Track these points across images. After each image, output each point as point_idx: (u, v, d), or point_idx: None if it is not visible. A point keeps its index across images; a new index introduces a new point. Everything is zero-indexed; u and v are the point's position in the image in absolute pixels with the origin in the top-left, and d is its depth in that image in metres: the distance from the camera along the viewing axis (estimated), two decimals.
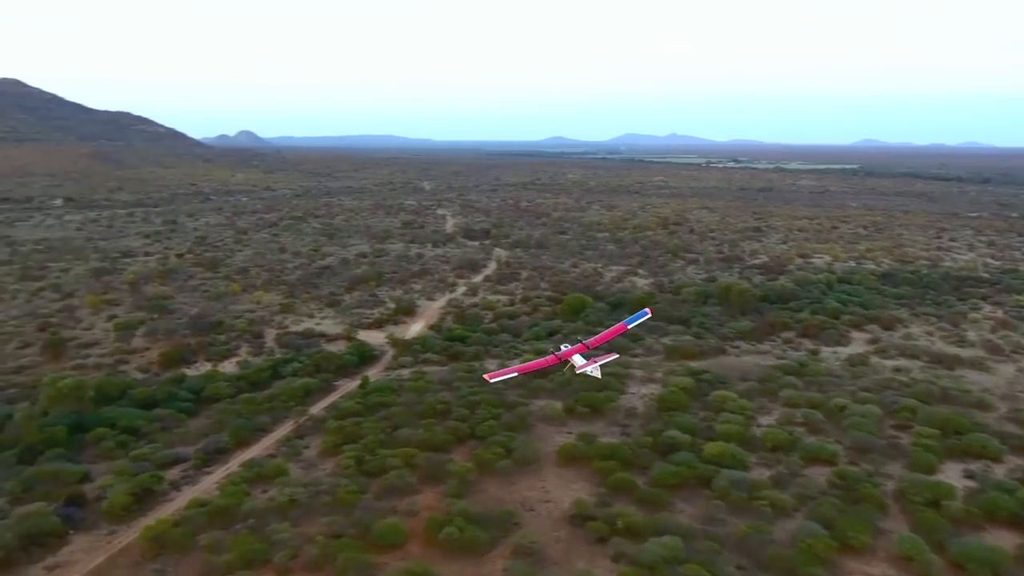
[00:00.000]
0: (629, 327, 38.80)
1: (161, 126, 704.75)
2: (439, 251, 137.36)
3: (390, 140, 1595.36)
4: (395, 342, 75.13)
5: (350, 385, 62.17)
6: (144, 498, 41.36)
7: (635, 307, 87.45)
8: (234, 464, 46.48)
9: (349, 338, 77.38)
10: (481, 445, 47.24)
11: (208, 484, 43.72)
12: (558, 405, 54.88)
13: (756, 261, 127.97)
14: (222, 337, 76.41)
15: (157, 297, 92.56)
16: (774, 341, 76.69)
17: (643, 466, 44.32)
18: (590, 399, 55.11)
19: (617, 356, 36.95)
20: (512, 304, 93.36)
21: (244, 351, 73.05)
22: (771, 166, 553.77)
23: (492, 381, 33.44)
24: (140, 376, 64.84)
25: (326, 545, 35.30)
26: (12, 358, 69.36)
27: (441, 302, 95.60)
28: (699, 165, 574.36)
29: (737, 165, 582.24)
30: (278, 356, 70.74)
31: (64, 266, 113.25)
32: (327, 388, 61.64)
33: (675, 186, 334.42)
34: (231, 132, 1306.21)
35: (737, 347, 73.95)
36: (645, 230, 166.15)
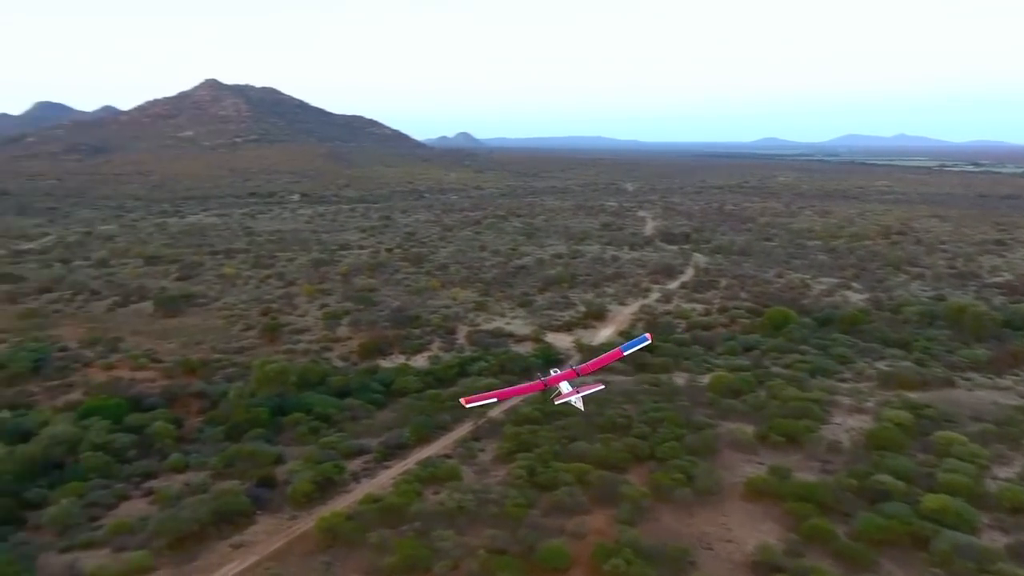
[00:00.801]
0: (625, 353, 34.00)
1: (388, 128, 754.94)
2: (635, 254, 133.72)
3: (599, 141, 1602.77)
4: (581, 347, 73.05)
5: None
6: (326, 487, 42.33)
7: (846, 324, 79.48)
8: (412, 461, 46.62)
9: (537, 340, 76.52)
10: (660, 468, 43.77)
11: (385, 479, 44.06)
12: (749, 430, 49.97)
13: (997, 279, 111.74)
14: (417, 331, 78.47)
15: (364, 289, 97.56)
16: (1018, 375, 65.52)
17: (845, 513, 38.58)
18: (787, 427, 49.57)
19: (603, 387, 31.23)
20: (708, 314, 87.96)
21: (436, 346, 74.49)
22: (1019, 170, 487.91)
23: (469, 406, 29.56)
24: (340, 364, 67.94)
25: (487, 560, 33.83)
26: (236, 339, 75.58)
27: (633, 308, 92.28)
28: (930, 168, 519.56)
29: (977, 169, 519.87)
30: (467, 354, 71.28)
31: (290, 256, 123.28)
32: None
33: (901, 191, 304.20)
34: (450, 134, 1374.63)
35: (969, 379, 63.84)
36: (863, 239, 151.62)
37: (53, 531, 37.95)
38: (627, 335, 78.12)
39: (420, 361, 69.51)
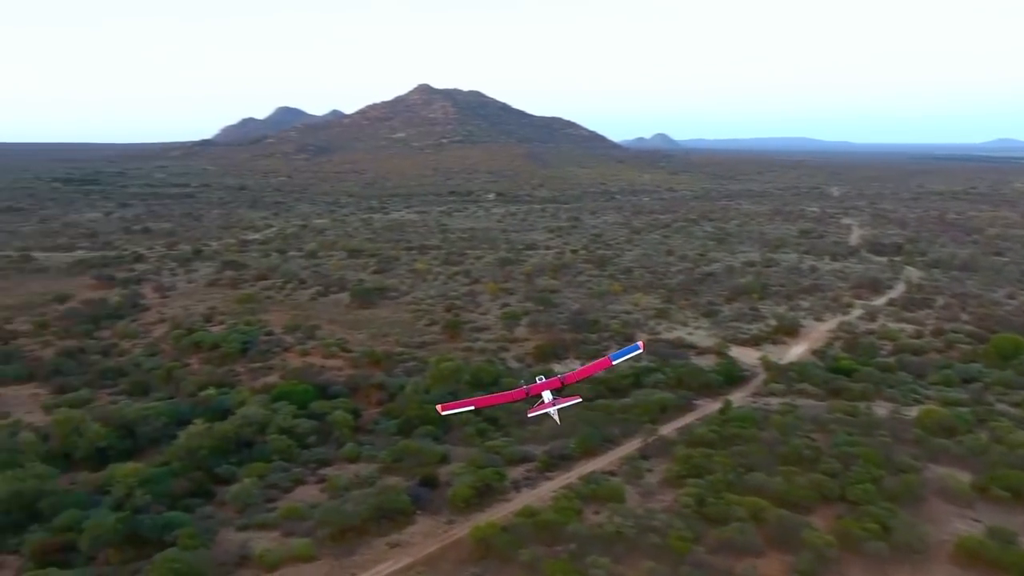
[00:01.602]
0: (615, 362, 28.87)
1: (585, 129, 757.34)
2: (837, 265, 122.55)
3: (803, 143, 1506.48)
4: (768, 365, 67.25)
5: (710, 407, 56.65)
6: (485, 493, 41.39)
7: None
8: (575, 475, 44.61)
9: (719, 353, 71.55)
10: (851, 513, 38.36)
11: (545, 491, 42.38)
12: (965, 478, 42.79)
13: None
14: (595, 336, 76.26)
15: (546, 290, 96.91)
16: None
17: None
18: (1013, 479, 41.84)
19: (580, 400, 26.08)
20: (919, 337, 78.03)
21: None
22: None
23: (444, 413, 27.12)
24: (514, 366, 67.33)
25: None
26: (419, 333, 77.57)
27: (830, 324, 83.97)
28: None
29: None
30: (643, 363, 67.99)
31: (479, 254, 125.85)
32: (685, 406, 56.97)
33: None
34: (647, 135, 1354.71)
35: None
36: None
37: (235, 508, 40.06)
38: (821, 355, 71.16)
39: None
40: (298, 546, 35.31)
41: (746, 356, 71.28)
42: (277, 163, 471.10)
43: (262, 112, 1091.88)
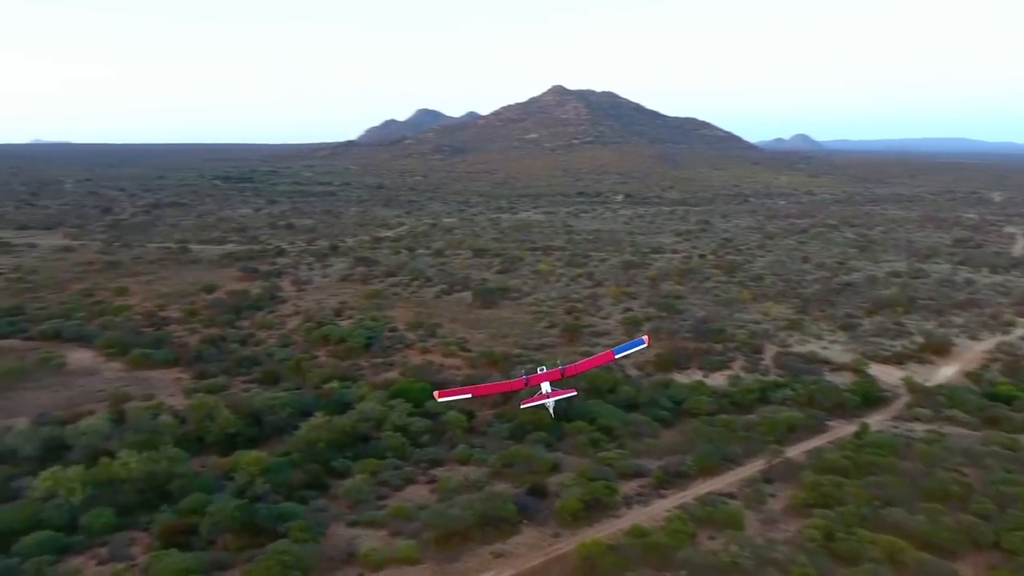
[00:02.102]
0: (617, 356, 30.55)
1: (720, 130, 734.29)
2: (997, 278, 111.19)
3: (960, 143, 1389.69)
4: (913, 386, 61.34)
5: (844, 430, 52.18)
6: (594, 507, 39.65)
7: None
8: (690, 494, 42.02)
9: (857, 371, 66.13)
10: (1006, 563, 33.83)
11: (657, 510, 40.10)
12: None
13: None
14: (719, 347, 72.61)
15: (670, 296, 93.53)
16: None
17: None
18: None
19: (576, 393, 28.52)
20: None
21: (738, 366, 68.07)
22: None
23: (441, 399, 28.00)
24: (634, 374, 65.04)
25: None
26: (538, 335, 76.63)
27: (987, 344, 75.94)
28: None
29: None
30: (771, 378, 63.96)
31: (603, 257, 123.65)
32: (815, 427, 52.74)
33: None
34: (786, 136, 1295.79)
35: None
36: None
37: (346, 503, 40.44)
38: (975, 378, 64.27)
39: (718, 380, 63.83)
40: (403, 548, 35.00)
41: (887, 375, 65.55)
42: (414, 163, 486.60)
43: (403, 114, 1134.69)
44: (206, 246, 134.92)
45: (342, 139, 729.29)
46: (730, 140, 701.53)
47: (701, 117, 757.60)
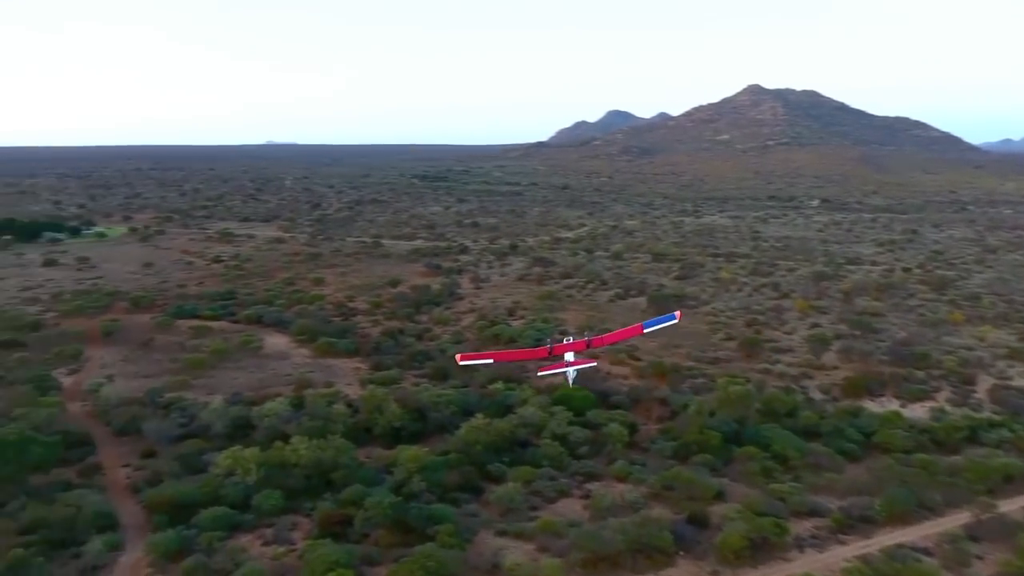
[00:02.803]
0: (647, 330, 28.83)
1: (936, 130, 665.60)
2: None
3: None
4: None
5: None
6: (760, 546, 35.60)
7: None
8: (876, 543, 36.66)
9: None
10: None
11: (835, 558, 35.29)
12: None
13: None
14: (921, 373, 64.16)
15: (865, 312, 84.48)
16: None
17: None
18: None
19: (596, 363, 29.02)
20: None
21: (943, 397, 59.66)
22: None
23: (463, 363, 28.51)
24: (817, 397, 59.03)
25: None
26: (714, 348, 72.04)
27: None
28: None
29: None
30: (984, 415, 55.30)
31: (791, 266, 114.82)
32: None
33: None
34: (1016, 136, 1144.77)
35: None
36: None
37: (497, 510, 39.44)
38: None
39: (918, 412, 56.24)
40: (548, 566, 33.27)
41: None
42: (601, 164, 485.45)
43: (594, 115, 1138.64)
44: (397, 241, 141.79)
45: (534, 140, 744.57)
46: (947, 141, 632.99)
47: (914, 116, 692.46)
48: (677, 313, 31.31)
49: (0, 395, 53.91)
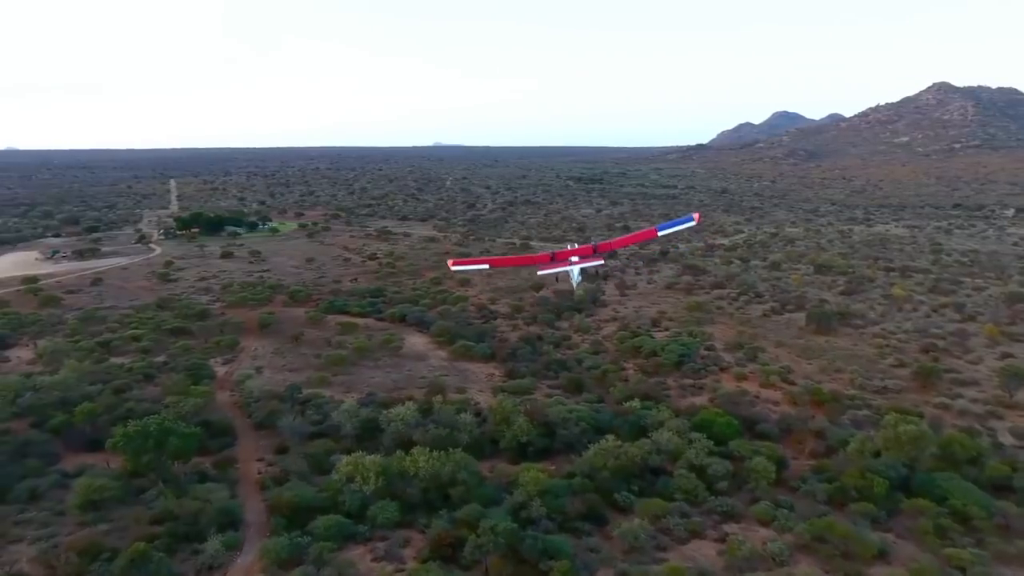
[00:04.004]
0: (660, 233, 28.01)
1: None
2: None
3: None
4: None
5: None
6: None
7: None
8: None
9: None
10: None
11: None
12: None
13: None
14: None
15: None
16: None
17: None
18: None
19: (604, 263, 25.07)
20: None
21: None
22: None
23: (455, 269, 25.36)
24: (1008, 443, 50.13)
25: None
26: (881, 375, 63.69)
27: None
28: None
29: None
30: None
31: (979, 284, 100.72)
32: None
33: None
34: None
35: None
36: None
37: (621, 547, 35.80)
38: None
39: None
40: None
41: None
42: (764, 167, 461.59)
43: (759, 117, 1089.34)
44: (545, 244, 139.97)
45: (694, 142, 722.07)
46: None
47: None
48: (695, 215, 29.60)
49: (160, 381, 57.12)
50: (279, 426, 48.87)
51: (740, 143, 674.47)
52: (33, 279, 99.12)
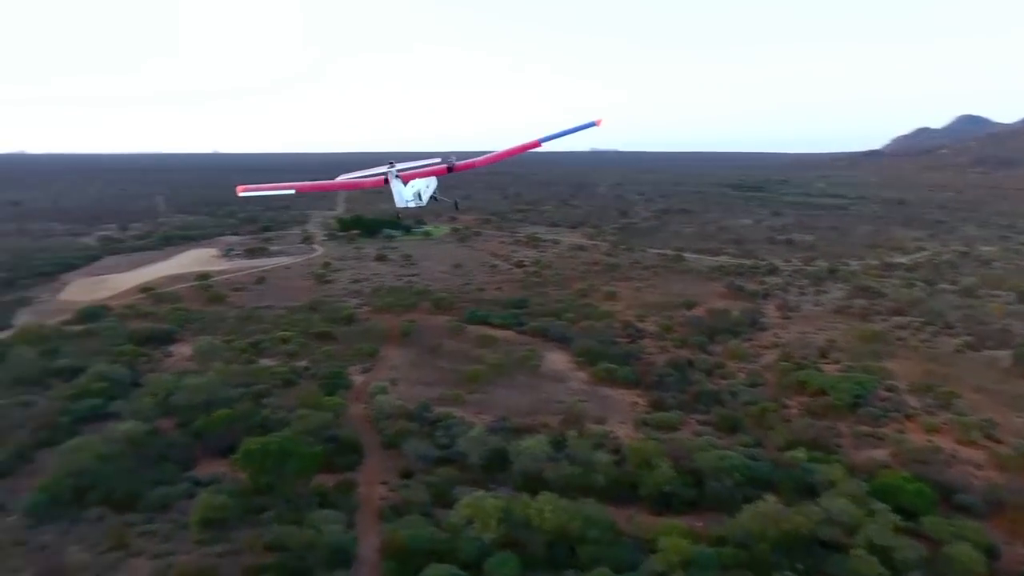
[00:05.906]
0: (544, 145, 24.55)
1: None
2: None
3: None
4: None
5: None
6: None
7: None
8: None
9: None
10: None
11: None
12: None
13: None
14: None
15: None
16: None
17: None
18: None
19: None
20: None
21: None
22: None
23: (243, 194, 23.88)
24: None
25: None
26: None
27: None
28: None
29: None
30: None
31: None
32: None
33: None
34: None
35: None
36: None
37: None
38: None
39: None
40: None
41: None
42: (947, 176, 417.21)
43: (939, 121, 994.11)
44: (700, 256, 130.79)
45: (864, 148, 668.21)
46: None
47: None
48: (597, 119, 26.29)
49: (298, 389, 55.96)
50: (404, 449, 45.69)
51: (918, 149, 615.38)
52: (205, 275, 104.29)
